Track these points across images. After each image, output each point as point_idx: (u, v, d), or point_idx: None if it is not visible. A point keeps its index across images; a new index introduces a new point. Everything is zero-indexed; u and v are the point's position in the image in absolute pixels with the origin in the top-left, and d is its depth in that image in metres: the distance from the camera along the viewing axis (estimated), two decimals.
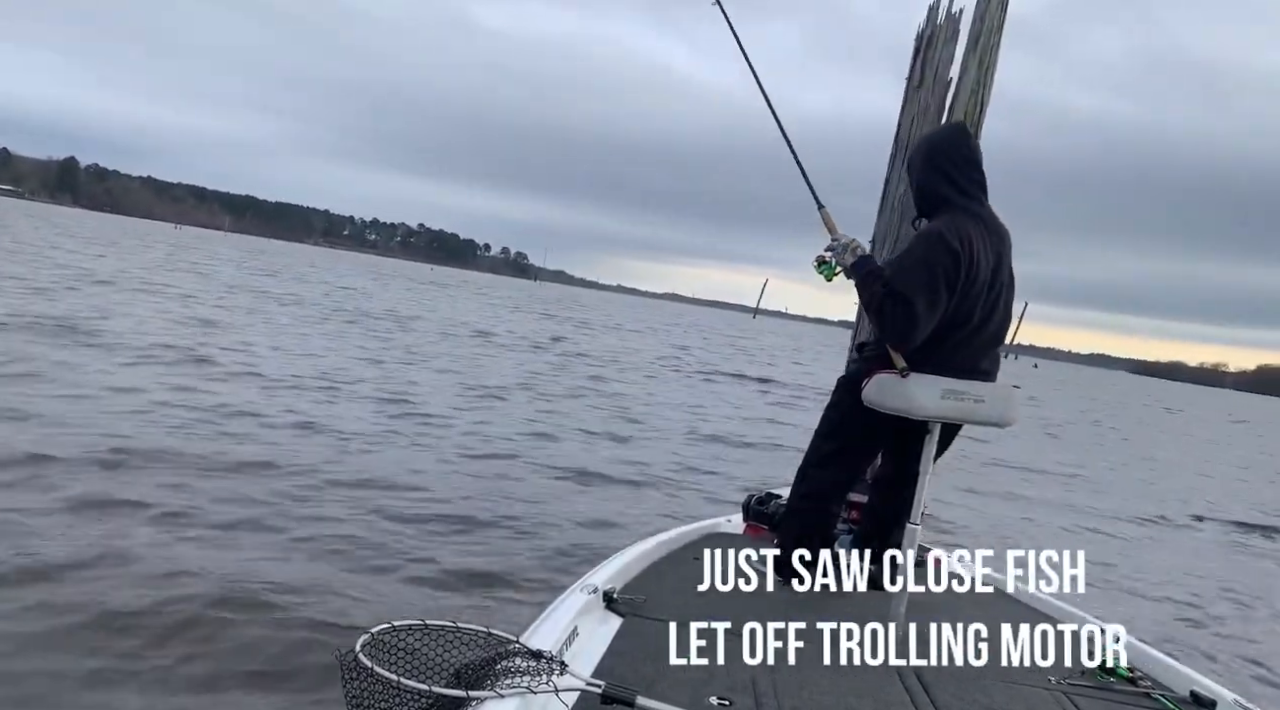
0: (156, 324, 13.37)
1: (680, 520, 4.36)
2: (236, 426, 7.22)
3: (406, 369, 12.56)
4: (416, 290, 45.21)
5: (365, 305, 25.39)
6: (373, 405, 9.29)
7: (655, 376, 17.89)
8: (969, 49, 9.43)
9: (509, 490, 6.39)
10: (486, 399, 10.68)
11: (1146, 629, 4.69)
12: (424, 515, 5.46)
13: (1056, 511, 9.27)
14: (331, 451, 6.89)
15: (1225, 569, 8.07)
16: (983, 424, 3.02)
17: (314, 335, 15.35)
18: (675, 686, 2.27)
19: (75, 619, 3.53)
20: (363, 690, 1.84)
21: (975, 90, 9.33)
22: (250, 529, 4.81)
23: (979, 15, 9.41)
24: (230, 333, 13.42)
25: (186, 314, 15.47)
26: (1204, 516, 10.83)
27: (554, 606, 2.67)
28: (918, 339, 3.01)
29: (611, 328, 38.61)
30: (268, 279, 30.35)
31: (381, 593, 4.28)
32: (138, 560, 4.18)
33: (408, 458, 7.01)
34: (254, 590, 4.10)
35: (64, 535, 4.43)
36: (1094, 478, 11.80)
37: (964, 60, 9.46)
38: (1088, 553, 2.73)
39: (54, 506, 4.80)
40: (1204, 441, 23.40)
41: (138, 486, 5.25)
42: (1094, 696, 2.64)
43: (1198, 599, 6.54)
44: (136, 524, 4.63)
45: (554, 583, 4.38)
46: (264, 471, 5.89)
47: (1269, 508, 11.76)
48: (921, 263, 3.02)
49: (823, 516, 3.42)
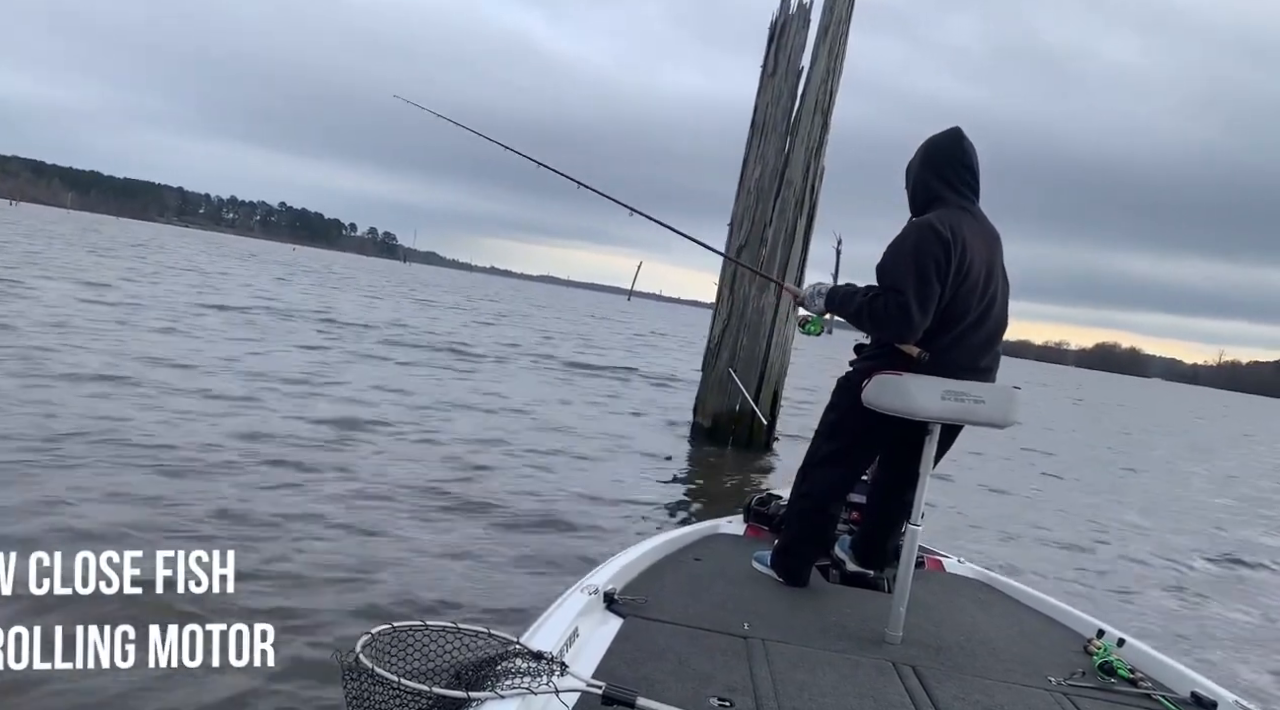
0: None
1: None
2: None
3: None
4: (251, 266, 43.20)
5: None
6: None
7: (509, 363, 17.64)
8: (819, 38, 9.75)
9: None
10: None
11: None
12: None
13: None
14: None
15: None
16: (983, 425, 3.00)
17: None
18: (676, 687, 2.27)
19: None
20: (363, 691, 1.83)
21: (826, 79, 9.66)
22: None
23: (828, 6, 9.72)
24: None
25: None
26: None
27: (554, 607, 2.64)
28: (917, 329, 2.96)
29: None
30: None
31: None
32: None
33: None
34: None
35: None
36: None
37: (815, 49, 9.79)
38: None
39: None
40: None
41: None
42: (1095, 697, 2.64)
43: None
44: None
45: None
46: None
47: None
48: (911, 252, 2.99)
49: (823, 517, 3.40)
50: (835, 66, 9.60)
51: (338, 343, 15.09)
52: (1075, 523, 8.89)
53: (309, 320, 18.58)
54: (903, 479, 3.21)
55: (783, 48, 9.65)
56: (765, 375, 9.71)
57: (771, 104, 9.64)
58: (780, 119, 9.57)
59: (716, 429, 9.82)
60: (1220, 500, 12.77)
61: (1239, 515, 11.44)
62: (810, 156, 9.53)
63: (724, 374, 9.74)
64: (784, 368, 10.01)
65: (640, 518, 6.27)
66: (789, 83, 9.60)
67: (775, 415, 9.95)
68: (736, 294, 9.70)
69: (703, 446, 9.70)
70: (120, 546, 2.50)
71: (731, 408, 9.72)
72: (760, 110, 9.80)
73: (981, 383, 3.01)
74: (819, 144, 9.58)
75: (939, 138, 3.22)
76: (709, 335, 10.13)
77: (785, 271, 9.52)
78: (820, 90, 9.52)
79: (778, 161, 9.56)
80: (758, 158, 9.71)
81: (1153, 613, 5.97)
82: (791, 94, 9.59)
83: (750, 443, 9.66)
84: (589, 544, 5.37)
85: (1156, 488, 13.09)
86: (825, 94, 9.54)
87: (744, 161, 9.96)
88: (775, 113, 9.61)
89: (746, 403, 9.59)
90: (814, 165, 9.60)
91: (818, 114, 9.52)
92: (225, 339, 13.01)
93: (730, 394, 9.72)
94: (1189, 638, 5.45)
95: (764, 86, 9.76)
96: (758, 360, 9.66)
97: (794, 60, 9.61)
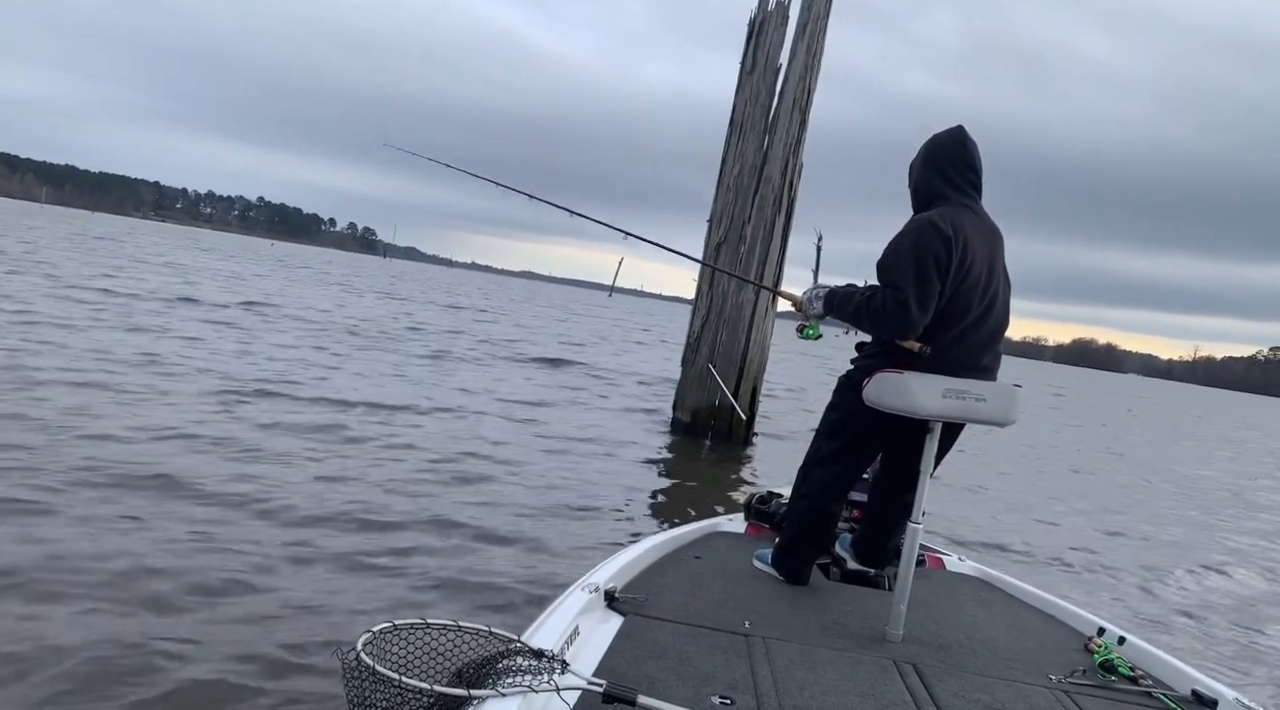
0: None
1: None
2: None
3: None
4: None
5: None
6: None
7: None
8: (798, 35, 9.80)
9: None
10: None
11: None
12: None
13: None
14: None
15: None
16: (984, 423, 2.98)
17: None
18: (676, 685, 2.27)
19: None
20: (364, 689, 1.83)
21: (804, 76, 9.71)
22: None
23: (806, 3, 9.78)
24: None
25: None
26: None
27: (555, 605, 2.63)
28: (916, 325, 2.95)
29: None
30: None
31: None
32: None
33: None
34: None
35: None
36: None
37: (793, 46, 9.85)
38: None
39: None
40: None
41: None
42: (1095, 695, 2.64)
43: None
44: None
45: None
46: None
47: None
48: (911, 249, 2.97)
49: (824, 516, 3.39)
50: (813, 64, 9.66)
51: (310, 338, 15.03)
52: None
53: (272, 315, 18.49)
54: (903, 479, 3.21)
55: (761, 45, 9.69)
56: (744, 370, 9.77)
57: (750, 101, 9.69)
58: (759, 116, 9.62)
59: (696, 424, 9.87)
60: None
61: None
62: (788, 153, 9.59)
63: (703, 369, 9.79)
64: (763, 363, 10.08)
65: (624, 516, 6.30)
66: (767, 80, 9.65)
67: (754, 410, 10.02)
68: (715, 290, 9.75)
69: (682, 441, 9.76)
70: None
71: (711, 403, 9.78)
72: (739, 108, 9.85)
73: (982, 381, 2.99)
74: (797, 141, 9.64)
75: (941, 136, 3.21)
76: (689, 331, 10.18)
77: (764, 267, 9.59)
78: (798, 87, 9.57)
79: (756, 158, 9.61)
80: (736, 155, 9.76)
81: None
82: (770, 91, 9.64)
83: (730, 437, 9.72)
84: (581, 535, 5.45)
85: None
86: (803, 91, 9.60)
87: (723, 158, 10.01)
88: (754, 110, 9.66)
89: (726, 398, 9.66)
90: (792, 162, 9.66)
91: (796, 111, 9.57)
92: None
93: (710, 389, 9.78)
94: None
95: (743, 84, 9.81)
96: (737, 356, 9.72)
97: (772, 58, 9.66)
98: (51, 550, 4.04)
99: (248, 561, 4.25)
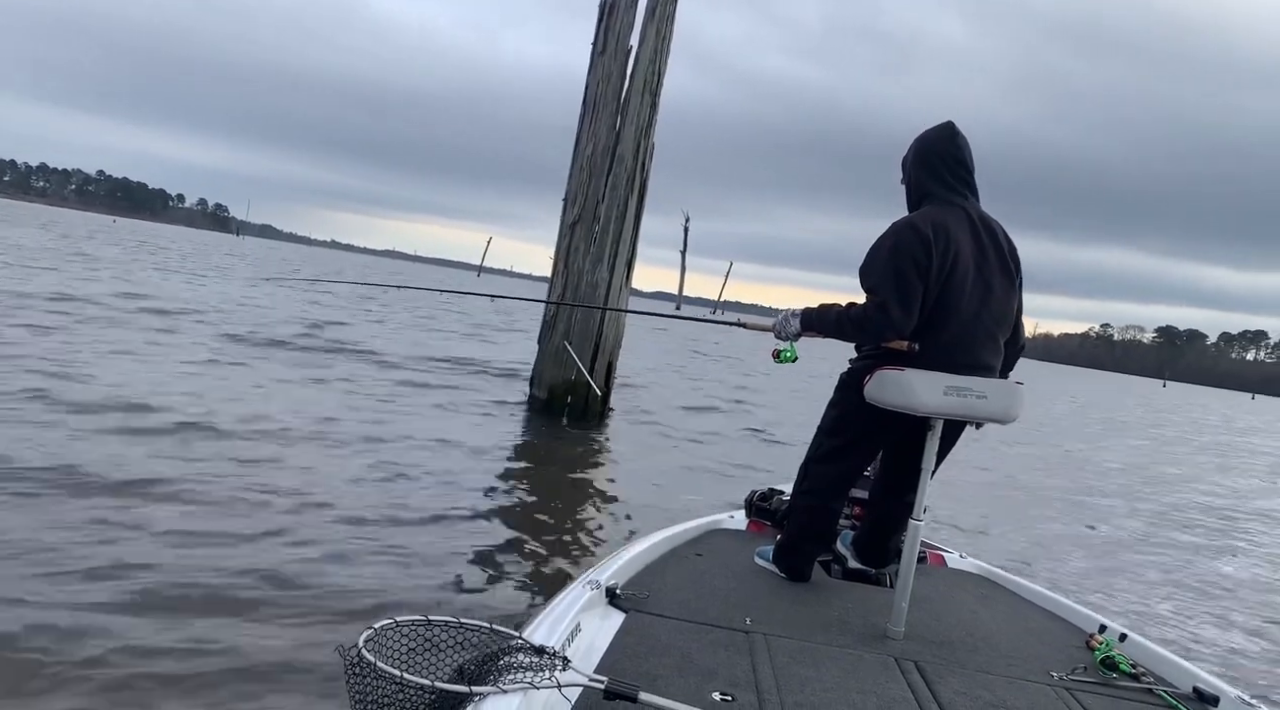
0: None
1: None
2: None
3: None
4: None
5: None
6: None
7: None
8: (648, 18, 9.98)
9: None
10: None
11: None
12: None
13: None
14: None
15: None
16: (986, 420, 2.97)
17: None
18: (678, 682, 2.27)
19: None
20: (366, 686, 1.82)
21: (654, 59, 9.91)
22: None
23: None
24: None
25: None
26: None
27: (557, 602, 2.63)
28: (899, 327, 2.95)
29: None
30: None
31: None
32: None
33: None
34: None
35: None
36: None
37: (643, 29, 10.01)
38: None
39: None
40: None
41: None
42: (1097, 692, 2.64)
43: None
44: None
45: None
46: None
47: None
48: (888, 255, 2.97)
49: (825, 513, 3.38)
50: (663, 46, 9.86)
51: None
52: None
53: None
54: (904, 479, 3.20)
55: (612, 28, 9.82)
56: (600, 348, 9.94)
57: (602, 82, 9.82)
58: (611, 98, 9.76)
59: (553, 400, 9.99)
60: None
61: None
62: (640, 135, 9.78)
63: (560, 346, 9.92)
64: (618, 340, 10.28)
65: (491, 499, 6.35)
66: (618, 62, 9.80)
67: (610, 387, 10.22)
68: (571, 268, 9.88)
69: (539, 419, 9.87)
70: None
71: (567, 379, 9.93)
72: (591, 88, 9.97)
73: (984, 378, 2.97)
74: (648, 123, 9.84)
75: (930, 133, 3.22)
76: (544, 309, 10.28)
77: (618, 246, 9.78)
78: (649, 70, 9.76)
79: (609, 139, 9.76)
80: (590, 135, 9.89)
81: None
82: (621, 74, 9.79)
83: (585, 414, 9.89)
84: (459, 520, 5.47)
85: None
86: (654, 74, 9.79)
87: (577, 138, 10.11)
88: (606, 91, 9.80)
89: (582, 375, 9.81)
90: (644, 143, 9.85)
91: (647, 93, 9.76)
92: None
93: (566, 366, 9.92)
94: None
95: (594, 64, 9.93)
96: (592, 333, 9.88)
97: (623, 39, 9.81)
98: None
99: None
